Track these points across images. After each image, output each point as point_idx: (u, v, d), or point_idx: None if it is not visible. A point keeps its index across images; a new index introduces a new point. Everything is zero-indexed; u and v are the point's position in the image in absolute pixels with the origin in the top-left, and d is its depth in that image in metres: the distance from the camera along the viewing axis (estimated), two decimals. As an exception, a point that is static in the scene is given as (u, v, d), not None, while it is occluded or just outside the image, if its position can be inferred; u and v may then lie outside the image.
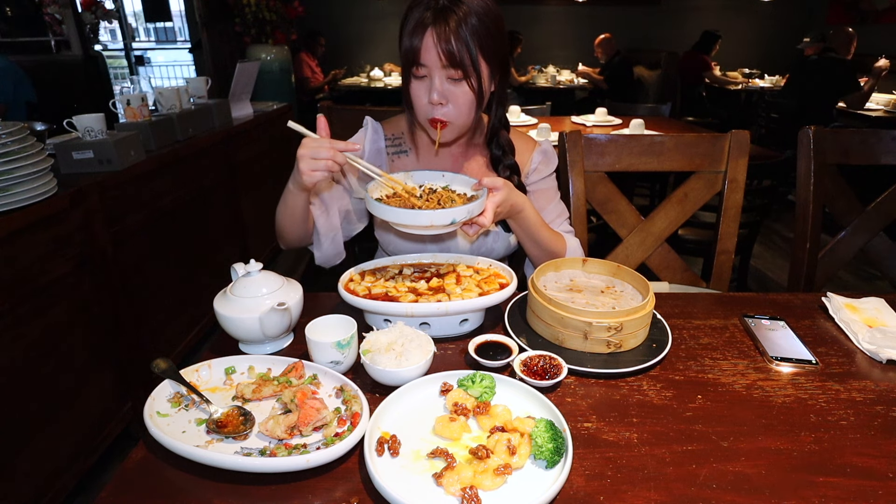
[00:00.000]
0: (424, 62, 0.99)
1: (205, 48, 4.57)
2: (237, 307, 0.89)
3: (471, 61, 0.98)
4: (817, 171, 1.40)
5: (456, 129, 1.07)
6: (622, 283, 1.04)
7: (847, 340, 0.97)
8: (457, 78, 1.00)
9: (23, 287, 1.43)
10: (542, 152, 1.23)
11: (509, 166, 1.18)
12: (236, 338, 0.93)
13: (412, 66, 1.00)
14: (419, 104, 1.04)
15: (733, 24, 6.92)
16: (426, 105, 1.03)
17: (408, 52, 0.99)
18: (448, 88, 1.01)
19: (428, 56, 0.98)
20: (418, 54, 0.98)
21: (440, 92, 1.00)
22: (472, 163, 1.22)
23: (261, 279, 0.93)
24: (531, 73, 6.10)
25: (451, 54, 0.96)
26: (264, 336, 0.90)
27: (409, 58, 0.99)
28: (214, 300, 0.92)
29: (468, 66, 0.98)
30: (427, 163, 1.20)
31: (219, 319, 0.91)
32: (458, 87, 1.01)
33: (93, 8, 4.08)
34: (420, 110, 1.05)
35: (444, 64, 0.97)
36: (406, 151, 1.20)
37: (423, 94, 1.02)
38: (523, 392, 0.78)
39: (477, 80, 1.00)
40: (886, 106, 4.30)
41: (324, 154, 0.91)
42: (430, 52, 0.97)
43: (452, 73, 0.99)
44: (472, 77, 0.99)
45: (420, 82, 1.02)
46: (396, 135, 1.20)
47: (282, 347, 0.95)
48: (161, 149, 2.13)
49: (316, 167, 0.91)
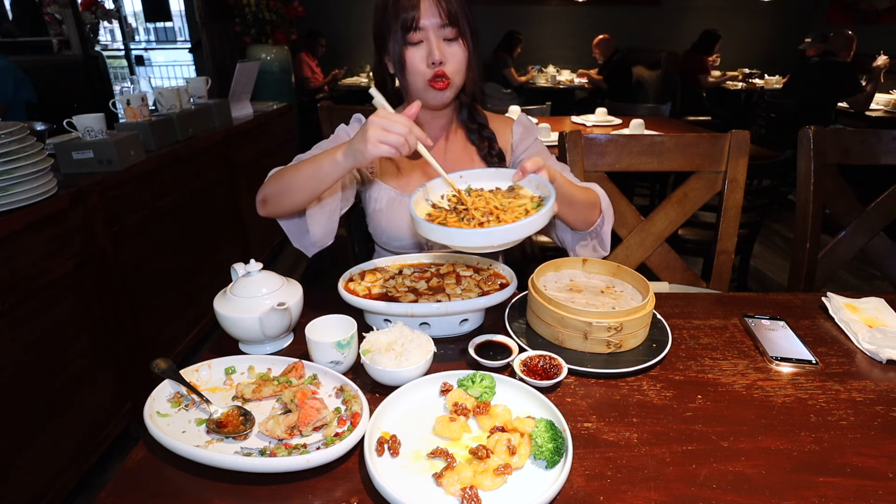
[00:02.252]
0: (423, 25, 1.03)
1: (205, 48, 4.57)
2: (237, 307, 0.89)
3: (463, 18, 1.05)
4: (817, 171, 1.40)
5: (454, 89, 1.11)
6: (622, 283, 1.04)
7: (847, 340, 0.97)
8: (451, 38, 1.05)
9: (23, 287, 1.43)
10: (519, 124, 1.27)
11: (487, 137, 1.22)
12: (236, 338, 0.93)
13: (408, 32, 1.04)
14: (418, 69, 1.07)
15: (733, 24, 6.91)
16: (425, 70, 1.06)
17: (405, 20, 1.03)
18: (445, 49, 1.06)
19: (427, 18, 1.03)
20: (417, 18, 1.02)
21: (440, 50, 1.04)
22: (453, 143, 1.24)
23: (261, 279, 0.93)
24: (531, 73, 6.10)
25: (451, 12, 1.03)
26: (264, 336, 0.90)
27: (406, 24, 1.03)
28: (214, 300, 0.92)
29: (462, 22, 1.05)
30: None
31: (219, 319, 0.91)
32: (452, 46, 1.06)
33: (93, 8, 4.08)
34: (419, 76, 1.07)
35: (443, 23, 1.03)
36: None
37: (420, 59, 1.06)
38: (523, 392, 0.78)
39: (470, 36, 1.07)
40: (886, 106, 4.30)
41: (398, 129, 0.85)
42: (429, 12, 1.02)
43: (448, 33, 1.05)
44: (466, 34, 1.06)
45: (416, 48, 1.06)
46: None
47: (282, 347, 0.95)
48: (161, 149, 2.13)
49: (386, 139, 0.85)
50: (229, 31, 4.63)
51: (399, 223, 1.17)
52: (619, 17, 6.78)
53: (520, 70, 5.82)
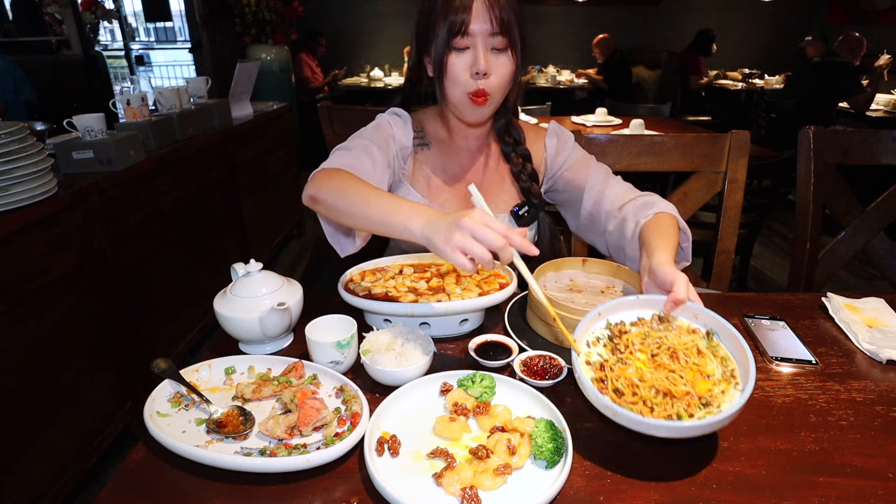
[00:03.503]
0: (472, 31, 0.95)
1: (205, 48, 4.57)
2: (237, 307, 0.89)
3: (514, 28, 0.97)
4: (817, 171, 1.40)
5: (493, 105, 1.04)
6: (622, 283, 1.04)
7: (847, 340, 0.97)
8: (500, 48, 0.98)
9: (23, 287, 1.43)
10: (553, 134, 1.20)
11: (522, 154, 1.16)
12: (236, 338, 0.93)
13: (455, 36, 0.96)
14: (460, 79, 0.99)
15: (733, 24, 6.91)
16: (468, 79, 0.99)
17: (453, 22, 0.95)
18: (491, 60, 0.98)
19: (477, 23, 0.95)
20: (466, 23, 0.95)
21: (486, 61, 0.97)
22: (488, 157, 1.19)
23: (261, 279, 0.93)
24: (531, 73, 6.10)
25: (503, 20, 0.95)
26: (264, 336, 0.90)
27: (455, 28, 0.95)
28: (214, 300, 0.92)
29: (514, 33, 0.97)
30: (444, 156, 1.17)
31: (219, 319, 0.91)
32: (499, 57, 0.99)
33: (93, 8, 4.08)
34: (460, 85, 1.00)
35: (493, 31, 0.95)
36: (428, 144, 1.17)
37: (464, 68, 0.98)
38: (523, 392, 0.78)
39: (519, 49, 0.99)
40: (886, 106, 4.30)
41: (492, 241, 0.71)
42: (480, 17, 0.95)
43: (497, 43, 0.97)
44: (516, 46, 0.98)
45: (460, 55, 0.98)
46: (417, 127, 1.17)
47: (282, 347, 0.95)
48: (161, 149, 2.13)
49: (471, 250, 0.71)
50: (229, 31, 4.63)
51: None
52: (619, 17, 6.78)
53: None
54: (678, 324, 0.79)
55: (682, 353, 0.73)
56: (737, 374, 0.71)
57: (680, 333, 0.77)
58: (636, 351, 0.74)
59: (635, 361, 0.73)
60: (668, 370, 0.71)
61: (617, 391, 0.70)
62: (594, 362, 0.75)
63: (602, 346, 0.78)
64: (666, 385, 0.69)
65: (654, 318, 0.80)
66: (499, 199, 1.17)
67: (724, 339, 0.75)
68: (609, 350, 0.77)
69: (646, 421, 0.64)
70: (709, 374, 0.71)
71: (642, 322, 0.80)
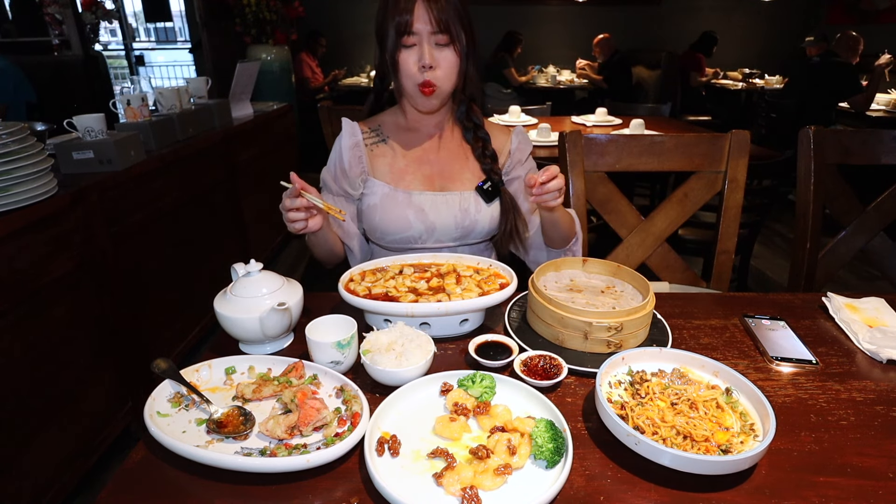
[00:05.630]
0: (416, 30, 1.07)
1: (205, 48, 4.57)
2: (237, 307, 0.89)
3: (456, 26, 1.09)
4: (817, 171, 1.40)
5: (441, 95, 1.14)
6: (622, 283, 1.04)
7: (847, 340, 0.97)
8: (443, 43, 1.09)
9: (23, 287, 1.43)
10: (518, 133, 1.30)
11: (482, 137, 1.24)
12: (236, 338, 0.93)
13: (402, 35, 1.08)
14: (409, 72, 1.11)
15: (733, 24, 6.91)
16: (416, 72, 1.10)
17: (399, 23, 1.07)
18: (435, 54, 1.09)
19: (419, 23, 1.07)
20: (410, 23, 1.07)
21: (431, 55, 1.08)
22: (448, 140, 1.26)
23: (261, 279, 0.93)
24: (531, 73, 6.10)
25: (441, 20, 1.07)
26: (264, 336, 0.90)
27: (401, 28, 1.08)
28: (214, 300, 0.92)
29: (454, 30, 1.09)
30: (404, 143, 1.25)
31: (219, 319, 0.91)
32: (443, 52, 1.10)
33: (93, 8, 4.08)
34: (410, 78, 1.12)
35: (433, 29, 1.07)
36: (385, 139, 1.26)
37: (412, 62, 1.10)
38: (523, 392, 0.78)
39: (461, 43, 1.11)
40: (886, 106, 4.30)
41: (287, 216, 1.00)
42: (421, 18, 1.06)
43: (440, 39, 1.08)
44: (457, 41, 1.10)
45: (408, 51, 1.10)
46: (373, 126, 1.27)
47: (282, 347, 0.95)
48: (161, 149, 2.12)
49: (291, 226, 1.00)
50: (229, 31, 4.63)
51: (394, 217, 1.18)
52: (619, 17, 6.78)
53: (520, 70, 5.83)
54: (694, 377, 0.81)
55: (702, 404, 0.74)
56: (756, 427, 0.72)
57: (699, 388, 0.78)
58: (656, 398, 0.75)
59: (655, 407, 0.74)
60: (687, 418, 0.72)
61: (637, 428, 0.70)
62: (615, 401, 0.77)
63: (623, 389, 0.80)
64: (687, 428, 0.70)
65: (675, 373, 0.82)
66: (463, 176, 1.24)
67: (744, 395, 0.77)
68: (630, 395, 0.79)
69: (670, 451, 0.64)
70: (727, 427, 0.71)
71: (662, 374, 0.82)
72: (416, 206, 1.18)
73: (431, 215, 1.18)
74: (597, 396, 0.73)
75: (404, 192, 1.19)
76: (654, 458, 0.66)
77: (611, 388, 0.80)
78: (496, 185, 1.22)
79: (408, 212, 1.18)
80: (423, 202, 1.18)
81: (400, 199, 1.18)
